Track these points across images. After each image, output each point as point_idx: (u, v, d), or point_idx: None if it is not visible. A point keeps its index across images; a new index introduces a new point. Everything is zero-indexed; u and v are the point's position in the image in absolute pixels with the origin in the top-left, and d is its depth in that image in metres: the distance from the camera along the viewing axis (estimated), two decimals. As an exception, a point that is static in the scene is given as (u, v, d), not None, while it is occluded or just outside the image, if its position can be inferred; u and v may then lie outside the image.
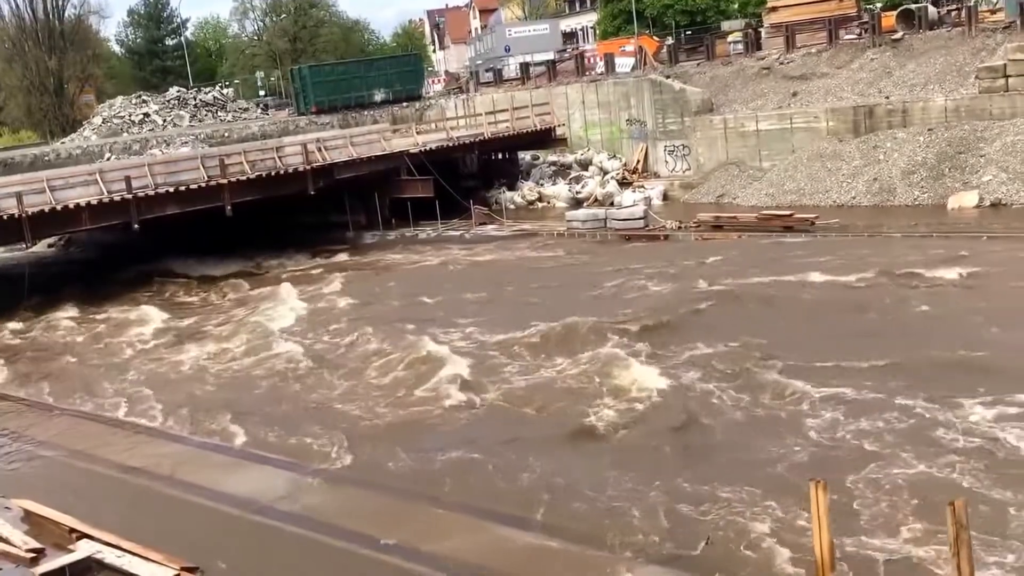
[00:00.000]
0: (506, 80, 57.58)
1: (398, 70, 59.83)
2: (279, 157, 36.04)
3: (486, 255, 33.38)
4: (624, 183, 42.33)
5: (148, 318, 29.32)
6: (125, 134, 55.30)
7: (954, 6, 42.67)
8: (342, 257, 36.33)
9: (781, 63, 42.71)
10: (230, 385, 21.37)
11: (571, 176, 44.76)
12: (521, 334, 21.84)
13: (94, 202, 31.42)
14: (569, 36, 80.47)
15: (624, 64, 49.90)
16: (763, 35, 46.95)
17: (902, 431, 14.61)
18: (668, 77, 44.43)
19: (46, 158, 48.14)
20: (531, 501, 13.67)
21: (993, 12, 39.78)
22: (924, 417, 14.99)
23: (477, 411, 17.78)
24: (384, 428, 17.39)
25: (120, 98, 63.30)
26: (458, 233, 36.94)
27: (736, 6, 63.32)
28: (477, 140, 43.33)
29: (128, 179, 32.12)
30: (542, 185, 44.68)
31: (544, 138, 45.64)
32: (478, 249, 34.46)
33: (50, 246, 46.64)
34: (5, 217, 29.96)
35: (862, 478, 13.25)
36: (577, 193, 42.52)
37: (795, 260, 26.73)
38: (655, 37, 56.54)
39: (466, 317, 24.35)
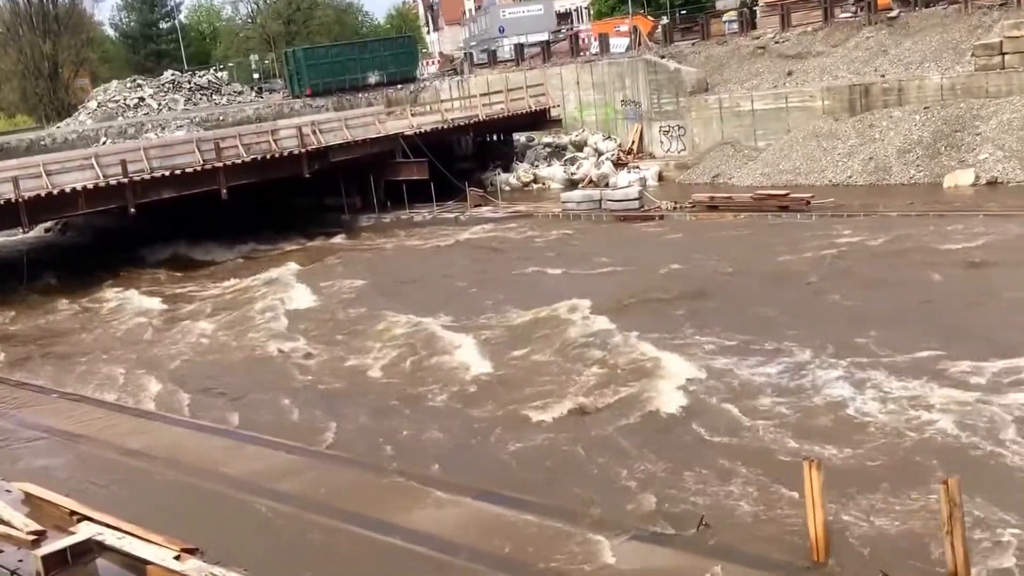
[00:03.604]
0: (500, 61, 57.40)
1: (392, 52, 59.69)
2: (274, 140, 36.02)
3: (481, 237, 33.42)
4: (619, 164, 42.33)
5: (144, 302, 29.48)
6: (120, 118, 55.20)
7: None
8: (337, 240, 36.45)
9: (776, 42, 42.65)
10: (225, 368, 21.47)
11: (566, 157, 44.70)
12: (518, 318, 21.98)
13: (90, 186, 31.46)
14: (563, 16, 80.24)
15: (619, 44, 49.83)
16: (758, 14, 46.89)
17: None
18: (663, 57, 44.35)
19: (42, 143, 48.11)
20: (522, 478, 13.80)
21: (989, -11, 39.72)
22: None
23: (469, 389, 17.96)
24: (384, 411, 17.52)
25: (115, 82, 63.15)
26: (453, 215, 36.88)
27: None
28: (472, 122, 43.22)
29: (124, 163, 32.14)
30: (537, 167, 44.62)
31: (539, 119, 45.55)
32: (473, 231, 34.46)
33: (47, 230, 46.68)
34: (2, 202, 30.04)
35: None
36: (572, 174, 42.49)
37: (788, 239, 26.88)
38: (650, 17, 56.52)
39: (464, 303, 24.45)
